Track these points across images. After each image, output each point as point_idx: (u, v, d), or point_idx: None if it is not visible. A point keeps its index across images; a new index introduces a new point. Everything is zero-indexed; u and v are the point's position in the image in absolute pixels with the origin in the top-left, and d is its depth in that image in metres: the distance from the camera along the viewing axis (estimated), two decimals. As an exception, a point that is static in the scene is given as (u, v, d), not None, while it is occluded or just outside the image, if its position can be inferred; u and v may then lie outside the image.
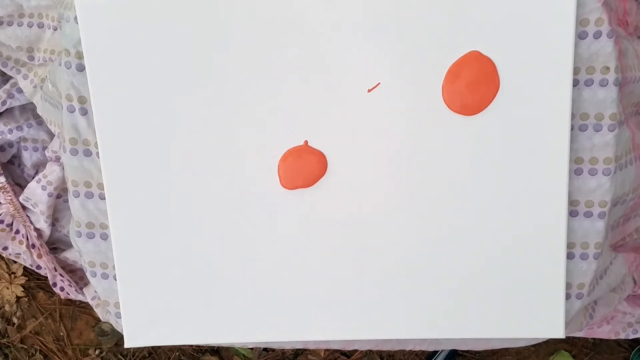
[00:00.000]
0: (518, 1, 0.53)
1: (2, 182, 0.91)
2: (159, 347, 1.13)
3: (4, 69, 0.83)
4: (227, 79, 0.56)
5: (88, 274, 0.66)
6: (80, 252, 0.65)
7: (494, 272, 0.59)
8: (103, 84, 0.57)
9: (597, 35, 0.54)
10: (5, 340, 1.15)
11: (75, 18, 0.56)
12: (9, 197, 0.91)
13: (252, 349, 1.11)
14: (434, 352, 1.09)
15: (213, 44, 0.55)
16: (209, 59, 0.56)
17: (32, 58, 0.80)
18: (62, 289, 0.94)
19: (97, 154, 0.60)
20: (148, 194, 0.59)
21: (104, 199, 0.61)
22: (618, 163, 0.58)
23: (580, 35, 0.55)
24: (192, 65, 0.56)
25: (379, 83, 0.55)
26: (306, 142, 0.57)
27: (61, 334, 1.15)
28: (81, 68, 0.58)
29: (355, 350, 1.11)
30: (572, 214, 0.59)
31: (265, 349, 1.13)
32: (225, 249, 0.60)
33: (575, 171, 0.58)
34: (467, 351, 1.10)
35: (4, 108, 0.88)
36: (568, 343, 1.09)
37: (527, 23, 0.54)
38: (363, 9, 0.54)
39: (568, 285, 0.60)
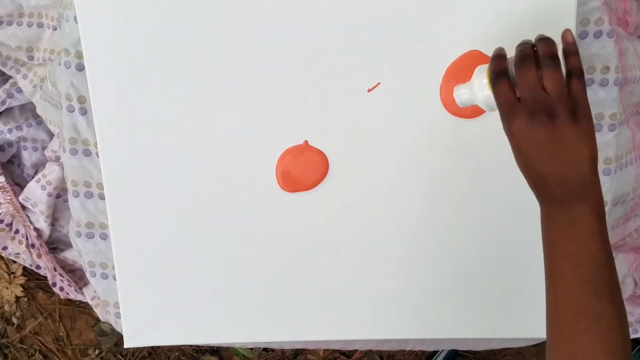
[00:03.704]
0: (519, 1, 0.53)
1: (1, 182, 0.90)
2: (159, 347, 1.12)
3: (3, 69, 0.83)
4: (226, 78, 0.56)
5: (88, 274, 0.66)
6: (80, 252, 0.65)
7: (495, 273, 0.59)
8: (102, 84, 0.57)
9: (598, 35, 0.54)
10: (4, 340, 1.15)
11: (75, 18, 0.56)
12: (9, 197, 0.91)
13: (252, 349, 1.11)
14: (434, 352, 1.09)
15: (212, 43, 0.55)
16: (209, 59, 0.56)
17: (31, 58, 0.80)
18: (61, 289, 0.94)
19: (97, 153, 0.60)
20: (147, 194, 0.59)
21: (104, 198, 0.61)
22: (618, 163, 0.58)
23: (581, 35, 0.54)
24: (191, 65, 0.56)
25: (379, 83, 0.55)
26: (306, 141, 0.57)
27: (61, 334, 1.15)
28: (81, 68, 0.58)
29: (355, 350, 1.11)
30: (573, 213, 0.58)
31: (265, 349, 1.12)
32: (225, 249, 0.60)
33: (576, 171, 0.58)
34: (467, 351, 1.10)
35: (4, 108, 0.88)
36: (568, 343, 1.09)
37: (528, 23, 0.53)
38: (363, 9, 0.54)
39: (568, 285, 0.60)
